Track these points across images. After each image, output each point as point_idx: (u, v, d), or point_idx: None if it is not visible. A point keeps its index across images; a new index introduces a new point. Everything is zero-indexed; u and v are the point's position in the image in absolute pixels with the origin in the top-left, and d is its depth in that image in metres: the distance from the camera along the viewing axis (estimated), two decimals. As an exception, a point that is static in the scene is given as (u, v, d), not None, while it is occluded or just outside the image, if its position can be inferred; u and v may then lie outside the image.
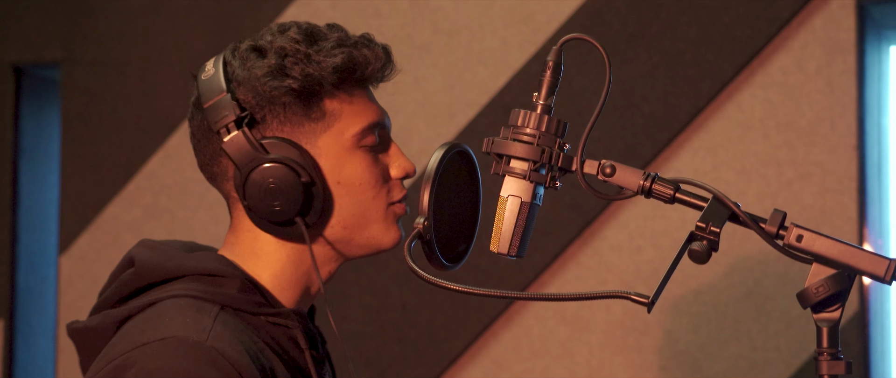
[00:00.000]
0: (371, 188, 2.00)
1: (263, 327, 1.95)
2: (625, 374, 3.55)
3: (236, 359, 1.80)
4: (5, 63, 4.18)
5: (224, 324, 1.86)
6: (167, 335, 1.81)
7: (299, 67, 1.93)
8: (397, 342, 3.74)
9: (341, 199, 1.98)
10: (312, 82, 1.94)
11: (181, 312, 1.87)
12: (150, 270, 1.97)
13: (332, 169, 1.97)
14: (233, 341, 1.83)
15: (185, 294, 1.91)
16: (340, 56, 1.95)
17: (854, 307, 3.38)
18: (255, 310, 1.95)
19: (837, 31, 3.43)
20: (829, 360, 1.73)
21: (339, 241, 2.02)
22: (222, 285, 1.95)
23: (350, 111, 1.99)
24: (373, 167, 2.01)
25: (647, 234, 3.55)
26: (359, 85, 2.01)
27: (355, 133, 1.99)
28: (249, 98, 1.95)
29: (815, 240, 1.73)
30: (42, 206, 4.27)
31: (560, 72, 1.83)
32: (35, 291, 4.24)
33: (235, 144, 1.93)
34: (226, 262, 1.99)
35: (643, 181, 1.79)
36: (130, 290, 1.99)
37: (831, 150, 3.42)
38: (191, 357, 1.77)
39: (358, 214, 2.00)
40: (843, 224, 3.38)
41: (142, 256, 2.00)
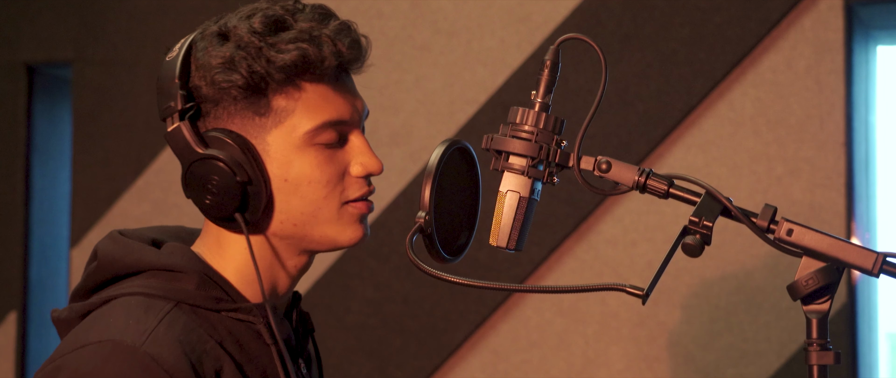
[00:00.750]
0: (322, 187, 1.90)
1: (224, 323, 1.89)
2: (620, 365, 3.55)
3: (171, 364, 1.74)
4: (18, 62, 4.18)
5: (171, 324, 1.80)
6: (104, 338, 1.77)
7: (246, 63, 1.85)
8: (399, 333, 3.74)
9: (289, 196, 1.90)
10: (257, 79, 1.85)
11: (127, 312, 1.82)
12: (110, 265, 1.93)
13: (280, 166, 1.89)
14: (172, 345, 1.77)
15: (138, 291, 1.86)
16: (293, 53, 1.85)
17: (842, 299, 3.38)
18: (214, 306, 1.88)
19: (826, 32, 3.43)
20: (819, 350, 1.73)
21: (292, 236, 1.93)
22: (180, 280, 1.89)
23: (303, 108, 1.89)
24: (325, 165, 1.90)
25: (641, 228, 3.55)
26: (318, 80, 1.90)
27: (306, 131, 1.88)
28: (203, 86, 1.88)
29: (804, 234, 1.73)
30: (54, 201, 4.27)
31: (557, 71, 1.83)
32: (47, 283, 4.24)
33: (176, 136, 1.89)
34: (188, 255, 1.92)
35: (638, 177, 1.79)
36: (93, 283, 1.94)
37: (820, 146, 3.42)
38: (122, 362, 1.73)
39: (307, 213, 1.91)
40: (831, 218, 3.38)
41: (104, 250, 1.95)
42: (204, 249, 1.96)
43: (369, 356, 3.73)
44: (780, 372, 3.41)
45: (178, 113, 1.89)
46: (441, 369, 3.71)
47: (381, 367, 3.73)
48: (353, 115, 1.94)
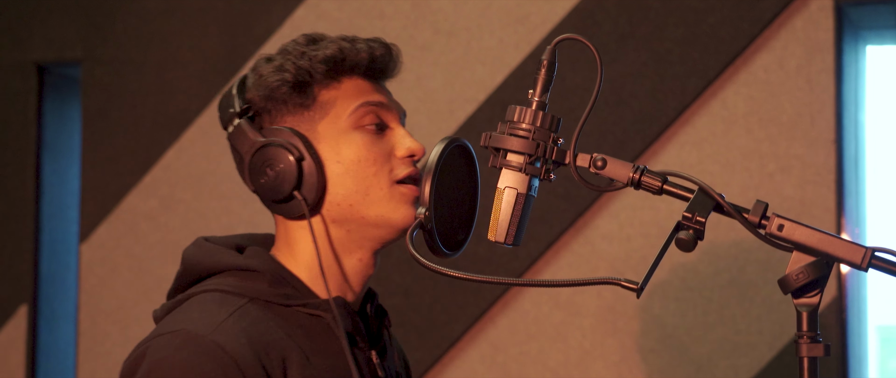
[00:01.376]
0: (371, 165, 2.01)
1: (295, 318, 1.99)
2: (615, 357, 3.55)
3: (236, 352, 1.86)
4: (29, 62, 4.18)
5: (241, 317, 1.92)
6: (177, 328, 1.90)
7: (292, 62, 2.01)
8: (400, 326, 3.73)
9: (342, 176, 2.00)
10: (303, 74, 2.01)
11: (201, 307, 1.95)
12: (193, 268, 2.05)
13: (332, 150, 2.00)
14: (238, 334, 1.89)
15: (215, 288, 1.99)
16: (332, 47, 2.02)
17: (832, 293, 3.38)
18: (285, 301, 1.98)
19: (817, 32, 3.43)
20: (809, 342, 1.74)
21: (350, 221, 2.02)
22: (254, 279, 2.00)
23: (344, 96, 2.03)
24: (372, 146, 2.02)
25: (636, 223, 3.55)
26: (351, 74, 2.05)
27: (349, 113, 2.02)
28: (255, 96, 2.04)
29: (795, 229, 1.73)
30: (64, 197, 4.27)
31: (554, 70, 1.84)
32: (57, 278, 4.24)
33: (238, 136, 2.03)
34: (264, 257, 2.04)
35: (633, 174, 1.80)
36: (181, 284, 2.07)
37: (811, 144, 3.42)
38: (192, 349, 1.86)
39: (361, 192, 2.00)
40: (821, 214, 3.38)
41: (188, 255, 2.07)
42: (278, 252, 2.08)
43: (371, 348, 3.73)
44: (772, 364, 3.41)
45: (237, 115, 2.04)
46: (441, 361, 3.71)
47: (382, 359, 3.73)
48: (389, 104, 2.08)
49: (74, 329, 4.16)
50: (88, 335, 4.04)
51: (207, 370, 1.84)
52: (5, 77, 4.20)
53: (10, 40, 4.21)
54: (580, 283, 1.78)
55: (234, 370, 1.84)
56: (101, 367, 4.02)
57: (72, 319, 4.22)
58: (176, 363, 1.84)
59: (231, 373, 1.84)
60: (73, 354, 4.17)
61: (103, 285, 4.05)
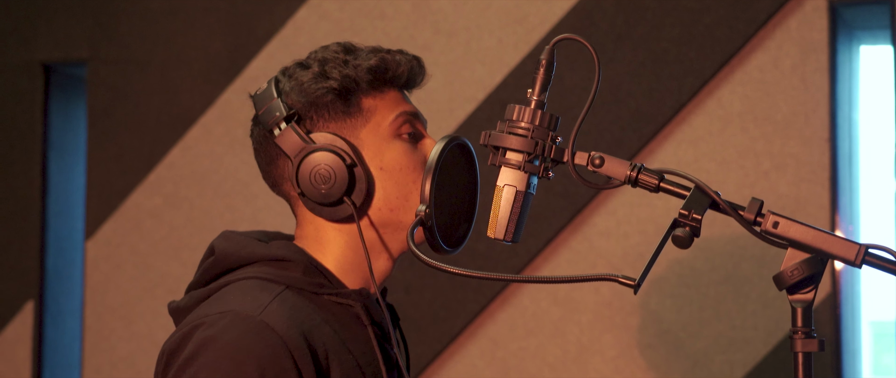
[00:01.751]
0: (411, 171, 2.05)
1: (327, 306, 2.02)
2: (613, 352, 3.55)
3: (284, 332, 1.88)
4: (35, 61, 4.18)
5: (282, 302, 1.95)
6: (226, 309, 1.92)
7: (338, 70, 2.03)
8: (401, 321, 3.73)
9: (385, 182, 2.04)
10: (349, 82, 2.04)
11: (244, 292, 1.97)
12: (227, 258, 2.07)
13: (375, 156, 2.04)
14: (284, 317, 1.91)
15: (253, 276, 2.02)
16: (374, 59, 2.05)
17: (826, 289, 3.38)
18: (318, 290, 2.02)
19: (811, 32, 3.43)
20: (804, 338, 1.74)
21: (389, 224, 2.06)
22: (288, 268, 2.04)
23: (384, 106, 2.07)
24: (411, 153, 2.06)
25: (633, 220, 3.55)
26: (391, 85, 2.09)
27: (390, 122, 2.06)
28: (296, 102, 2.05)
29: (790, 226, 1.73)
30: (69, 195, 4.27)
31: (552, 69, 1.84)
32: (63, 274, 4.24)
33: (285, 139, 2.03)
34: (294, 248, 2.06)
35: (630, 171, 1.80)
36: (212, 275, 2.08)
37: (805, 142, 3.42)
38: (241, 328, 1.87)
39: (401, 196, 2.05)
40: (816, 211, 3.39)
41: (220, 246, 2.09)
42: (304, 245, 2.10)
43: (372, 344, 3.73)
44: (767, 359, 3.41)
45: (285, 119, 2.04)
46: (441, 356, 3.71)
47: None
48: (420, 115, 2.15)
49: (80, 325, 4.16)
50: (94, 331, 4.05)
51: (257, 349, 1.86)
52: (12, 76, 4.21)
53: (17, 40, 4.21)
54: (578, 280, 1.77)
55: (282, 349, 1.87)
56: (106, 363, 4.02)
57: (77, 315, 4.22)
58: (226, 342, 1.86)
59: (280, 352, 1.87)
60: (79, 350, 4.17)
61: (108, 282, 4.05)
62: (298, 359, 1.88)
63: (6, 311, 4.17)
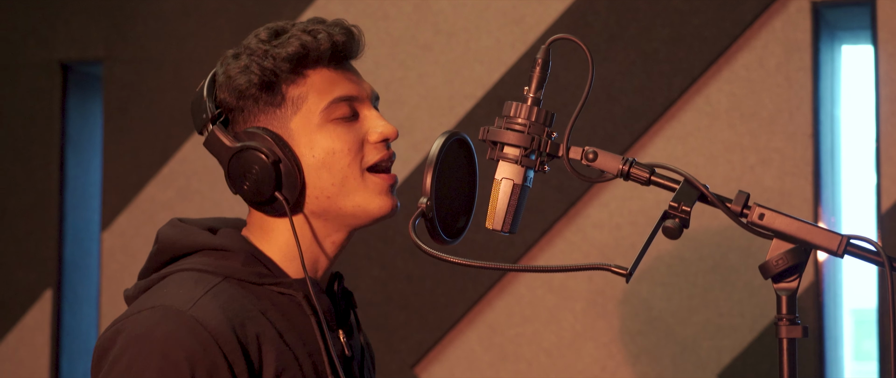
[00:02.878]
0: (344, 155, 1.97)
1: (268, 297, 1.97)
2: (605, 338, 3.55)
3: (213, 327, 1.84)
4: (53, 60, 4.18)
5: (216, 295, 1.90)
6: (157, 304, 1.87)
7: (257, 63, 1.96)
8: (403, 309, 3.74)
9: (319, 170, 1.97)
10: (269, 74, 1.96)
11: (179, 284, 1.92)
12: (169, 247, 2.02)
13: (306, 146, 1.97)
14: (215, 311, 1.87)
15: (191, 268, 1.96)
16: (292, 46, 1.96)
17: (810, 278, 3.38)
18: (259, 280, 1.97)
19: (795, 32, 3.43)
20: (788, 324, 1.74)
21: (328, 211, 2.00)
22: (228, 258, 1.98)
23: (314, 92, 1.98)
24: (344, 136, 1.98)
25: (625, 212, 3.55)
26: (319, 65, 2.00)
27: (321, 109, 1.97)
28: (227, 97, 1.99)
29: (775, 218, 1.73)
30: (86, 188, 4.27)
31: (548, 68, 1.83)
32: (80, 264, 4.24)
33: (212, 141, 1.98)
34: (237, 238, 2.01)
35: (622, 166, 1.79)
36: (156, 263, 2.04)
37: (789, 137, 3.42)
38: (171, 324, 1.83)
39: (337, 183, 1.98)
40: (800, 204, 3.38)
41: (164, 234, 2.05)
42: (249, 235, 2.05)
43: (376, 330, 3.73)
44: (753, 345, 3.41)
45: (210, 120, 1.98)
46: (441, 342, 3.71)
47: (386, 340, 3.73)
48: (359, 92, 2.03)
49: (96, 312, 4.16)
50: (109, 318, 4.04)
51: (187, 344, 1.81)
52: (31, 75, 4.20)
53: (36, 40, 4.20)
54: (572, 269, 1.77)
55: (212, 344, 1.83)
56: (121, 348, 4.02)
57: (94, 303, 4.22)
58: (156, 337, 1.82)
59: (209, 347, 1.82)
60: (95, 336, 4.17)
61: (123, 271, 4.05)
62: (228, 352, 1.84)
63: (26, 299, 4.18)
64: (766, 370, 3.40)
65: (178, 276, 1.96)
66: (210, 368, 1.82)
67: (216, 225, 2.09)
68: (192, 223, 2.07)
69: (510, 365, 3.65)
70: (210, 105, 1.98)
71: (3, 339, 4.19)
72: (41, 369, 4.15)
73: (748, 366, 3.42)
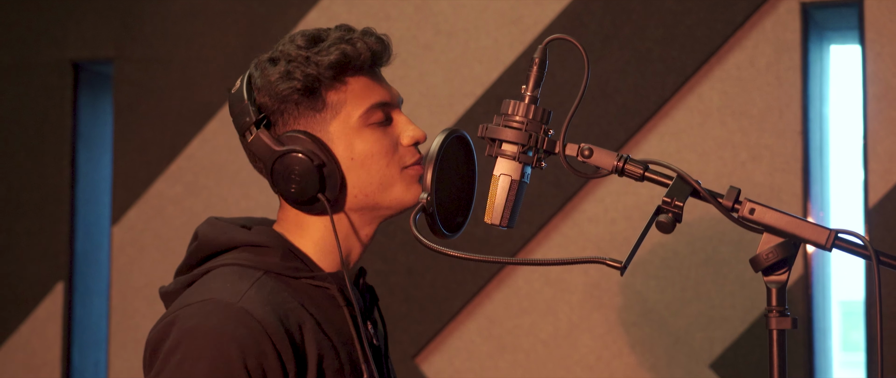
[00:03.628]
0: (382, 157, 2.01)
1: (304, 289, 2.01)
2: (601, 329, 3.55)
3: (262, 317, 1.87)
4: (65, 60, 4.18)
5: (260, 288, 1.94)
6: (207, 297, 1.91)
7: (300, 70, 1.98)
8: (404, 301, 3.74)
9: (358, 171, 2.00)
10: (312, 80, 1.98)
11: (224, 278, 1.96)
12: (208, 244, 2.06)
13: (346, 149, 2.00)
14: (262, 303, 1.90)
15: (232, 263, 2.00)
16: (334, 54, 1.98)
17: (799, 271, 3.38)
18: (295, 274, 2.00)
19: (784, 32, 3.42)
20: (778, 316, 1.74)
21: (366, 207, 2.03)
22: (267, 254, 2.02)
23: (353, 97, 2.01)
24: (381, 140, 2.02)
25: (620, 207, 3.55)
26: (358, 73, 2.03)
27: (360, 115, 2.00)
28: (267, 100, 2.01)
29: (765, 213, 1.73)
30: (97, 183, 4.27)
31: (545, 67, 1.83)
32: (91, 257, 4.24)
33: (257, 144, 2.00)
34: (273, 234, 2.04)
35: (617, 162, 1.79)
36: (196, 259, 2.07)
37: (779, 135, 3.42)
38: (222, 315, 1.87)
39: (375, 182, 2.01)
40: (789, 199, 3.38)
41: (204, 232, 2.08)
42: (284, 231, 2.08)
43: (378, 321, 3.73)
44: (744, 335, 3.41)
45: (254, 124, 2.00)
46: (441, 334, 3.71)
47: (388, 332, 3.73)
48: (392, 98, 2.07)
49: (106, 304, 4.16)
50: (119, 310, 4.05)
51: (238, 334, 1.85)
52: (44, 74, 4.21)
53: (49, 40, 4.21)
54: (568, 262, 1.78)
55: (262, 334, 1.86)
56: (130, 339, 4.02)
57: (104, 295, 4.22)
58: (209, 329, 1.85)
59: (260, 337, 1.86)
60: (106, 327, 4.17)
61: (133, 264, 4.05)
62: (277, 342, 1.87)
63: (38, 291, 4.18)
64: (757, 360, 3.40)
65: (220, 271, 1.99)
66: (260, 357, 1.86)
67: (247, 223, 2.12)
68: (228, 221, 2.10)
69: (508, 355, 3.65)
70: (253, 109, 2.00)
71: (16, 331, 4.19)
72: (53, 359, 4.15)
73: (739, 356, 3.42)
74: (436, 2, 3.76)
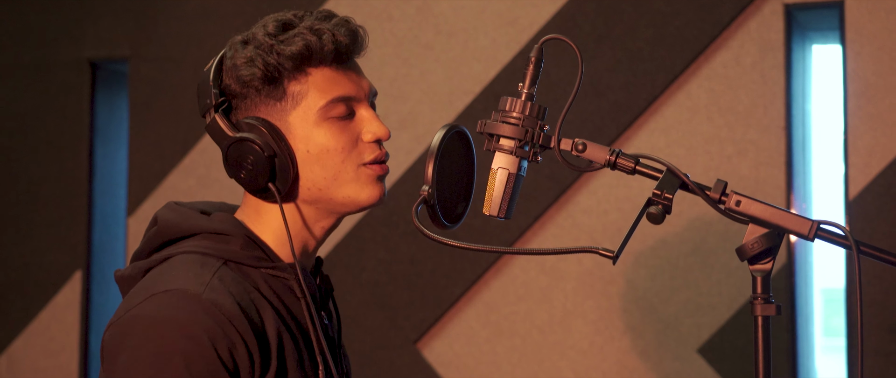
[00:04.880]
0: (338, 154, 1.93)
1: (262, 279, 1.94)
2: (594, 316, 3.55)
3: (228, 309, 1.81)
4: (83, 59, 4.18)
5: (222, 278, 1.87)
6: (171, 287, 1.83)
7: (262, 58, 1.91)
8: (406, 289, 3.74)
9: (312, 165, 1.93)
10: (273, 69, 1.91)
11: (186, 267, 1.88)
12: (169, 229, 1.98)
13: (302, 141, 1.92)
14: (226, 293, 1.84)
15: (193, 251, 1.92)
16: (297, 44, 1.91)
17: (783, 260, 3.38)
18: (255, 264, 1.94)
19: (769, 33, 3.42)
20: (763, 303, 1.73)
21: (319, 200, 1.96)
22: (228, 242, 1.95)
23: (314, 89, 1.93)
24: (339, 135, 1.94)
25: (612, 199, 3.55)
26: (322, 64, 1.94)
27: (319, 107, 1.92)
28: (232, 83, 1.94)
29: (750, 204, 1.73)
30: (113, 177, 4.27)
31: (541, 66, 1.83)
32: (107, 247, 4.24)
33: (213, 127, 1.94)
34: (234, 222, 1.97)
35: (609, 156, 1.79)
36: (154, 244, 1.99)
37: (764, 130, 3.41)
38: (189, 307, 1.80)
39: (329, 177, 1.94)
40: (773, 191, 3.38)
41: (163, 217, 2.00)
42: (244, 218, 2.01)
43: (381, 308, 3.73)
44: (730, 322, 3.41)
45: (213, 107, 1.94)
46: (441, 320, 3.71)
47: (391, 318, 3.73)
48: (358, 92, 1.97)
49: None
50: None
51: (207, 325, 1.79)
52: (62, 72, 4.21)
53: (67, 40, 4.21)
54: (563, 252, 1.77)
55: (228, 325, 1.80)
56: (146, 325, 4.02)
57: (121, 283, 4.22)
58: (179, 321, 1.79)
59: (227, 327, 1.80)
60: (122, 313, 4.17)
61: (148, 253, 4.05)
62: (242, 331, 1.81)
63: (58, 279, 4.18)
64: (743, 345, 3.40)
65: (181, 258, 1.91)
66: (230, 346, 1.80)
67: (208, 209, 2.06)
68: (187, 207, 2.03)
69: (505, 340, 3.65)
70: (215, 91, 1.94)
71: (36, 317, 4.19)
72: (71, 344, 4.15)
73: (726, 341, 3.42)
74: (436, 3, 3.76)
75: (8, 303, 4.23)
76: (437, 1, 3.76)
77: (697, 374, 3.44)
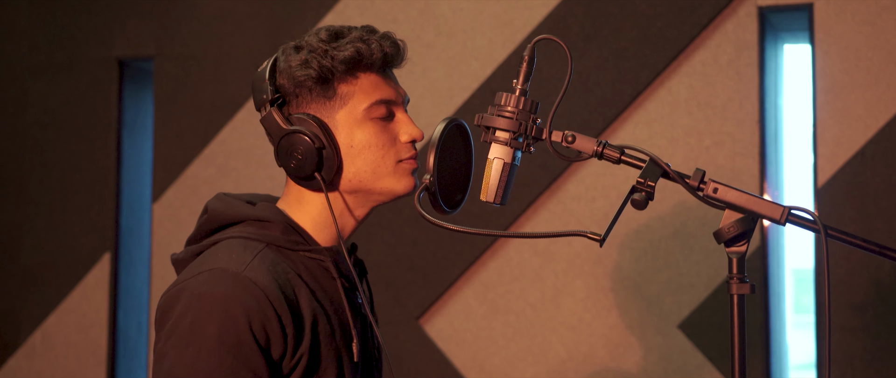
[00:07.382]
0: (378, 149, 1.99)
1: (302, 261, 1.99)
2: (582, 294, 3.55)
3: (265, 286, 1.86)
4: (112, 57, 4.18)
5: (262, 259, 1.92)
6: (214, 267, 1.89)
7: (317, 61, 1.97)
8: (409, 269, 3.74)
9: (355, 158, 1.99)
10: (326, 72, 1.97)
11: (230, 250, 1.94)
12: (217, 217, 2.04)
13: (347, 136, 1.98)
14: (265, 272, 1.89)
15: (238, 236, 1.98)
16: (349, 50, 1.97)
17: (757, 243, 3.38)
18: (294, 247, 1.98)
19: (743, 33, 3.42)
20: (738, 282, 1.74)
21: (358, 191, 2.02)
22: (269, 228, 2.00)
23: (361, 91, 1.99)
24: (381, 133, 2.00)
25: (599, 187, 3.55)
26: (369, 70, 2.00)
27: (364, 108, 1.99)
28: (286, 83, 2.00)
29: (727, 192, 1.73)
30: (139, 166, 4.27)
31: (533, 63, 1.83)
32: (134, 231, 4.24)
33: (269, 120, 1.98)
34: (275, 210, 2.02)
35: (596, 147, 1.79)
36: (205, 231, 2.05)
37: (739, 123, 3.41)
38: (229, 283, 1.86)
39: (369, 171, 2.00)
40: (748, 180, 3.38)
41: (212, 206, 2.06)
42: (285, 206, 2.06)
43: (386, 287, 3.73)
44: (708, 300, 3.41)
45: (269, 102, 1.98)
46: (442, 298, 3.71)
47: (395, 296, 3.74)
48: (396, 97, 2.04)
49: (148, 273, 4.17)
50: (159, 278, 4.05)
51: (244, 300, 1.83)
52: (92, 70, 4.20)
53: (97, 40, 4.20)
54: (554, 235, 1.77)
55: (264, 300, 1.85)
56: (170, 303, 4.02)
57: (146, 265, 4.22)
58: (217, 295, 1.84)
59: (263, 303, 1.85)
60: (147, 294, 4.17)
61: (171, 237, 4.05)
62: (277, 307, 1.86)
63: (87, 261, 4.18)
64: (719, 321, 3.41)
65: (227, 242, 1.97)
66: (263, 320, 1.84)
67: (253, 199, 2.10)
68: (234, 197, 2.08)
69: (501, 316, 3.65)
70: (270, 88, 1.98)
71: (68, 296, 4.20)
72: (100, 321, 4.15)
73: (704, 318, 3.42)
74: (437, 6, 3.75)
75: (42, 282, 4.23)
76: (437, 4, 3.76)
77: (678, 348, 3.44)
